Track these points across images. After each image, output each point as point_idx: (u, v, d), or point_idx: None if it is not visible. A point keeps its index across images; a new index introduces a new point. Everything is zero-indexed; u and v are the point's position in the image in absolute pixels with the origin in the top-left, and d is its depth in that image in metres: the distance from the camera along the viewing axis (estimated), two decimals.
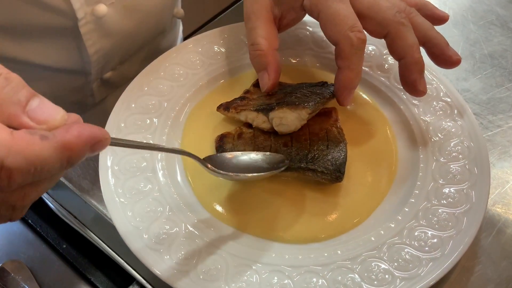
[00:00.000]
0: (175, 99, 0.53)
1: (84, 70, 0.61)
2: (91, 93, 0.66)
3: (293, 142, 0.47)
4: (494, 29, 0.65)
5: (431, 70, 0.54)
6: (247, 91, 0.54)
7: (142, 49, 0.67)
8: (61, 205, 0.52)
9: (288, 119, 0.45)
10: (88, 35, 0.55)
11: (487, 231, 0.46)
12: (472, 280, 0.42)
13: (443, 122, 0.50)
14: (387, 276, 0.40)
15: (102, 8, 0.54)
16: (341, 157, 0.45)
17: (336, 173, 0.44)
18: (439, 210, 0.44)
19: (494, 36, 0.64)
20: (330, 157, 0.45)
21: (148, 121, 0.51)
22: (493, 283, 0.42)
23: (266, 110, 0.46)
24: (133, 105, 0.51)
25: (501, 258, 0.44)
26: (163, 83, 0.54)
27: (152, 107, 0.52)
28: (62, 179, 0.49)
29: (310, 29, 0.59)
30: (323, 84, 0.51)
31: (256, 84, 0.54)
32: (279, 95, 0.49)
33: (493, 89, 0.58)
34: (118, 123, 0.49)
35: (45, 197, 0.52)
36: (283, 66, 0.56)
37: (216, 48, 0.58)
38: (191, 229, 0.43)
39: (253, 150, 0.47)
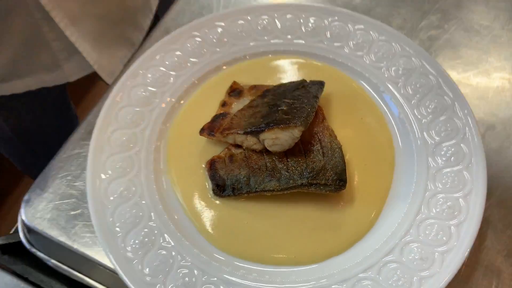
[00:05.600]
0: (149, 130, 0.49)
1: None
2: None
3: (288, 156, 0.45)
4: None
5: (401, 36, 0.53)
6: (224, 103, 0.51)
7: None
8: (59, 261, 0.49)
9: (281, 139, 0.43)
10: None
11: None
12: (482, 258, 0.44)
13: (429, 100, 0.50)
14: (407, 280, 0.41)
15: None
16: (340, 163, 0.44)
17: (339, 182, 0.43)
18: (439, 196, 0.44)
19: None
20: (329, 166, 0.44)
21: (130, 160, 0.47)
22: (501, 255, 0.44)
23: (255, 132, 0.44)
24: (107, 148, 0.47)
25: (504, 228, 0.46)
26: (129, 112, 0.50)
27: (128, 142, 0.48)
28: (60, 241, 0.47)
29: (276, 14, 0.56)
30: (303, 85, 0.48)
31: (231, 92, 0.51)
32: (263, 107, 0.47)
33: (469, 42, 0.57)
34: (99, 171, 0.46)
35: (41, 256, 0.50)
36: (253, 63, 0.54)
37: (177, 57, 0.53)
38: (207, 270, 0.42)
39: (248, 172, 0.45)
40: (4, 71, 0.67)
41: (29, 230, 0.49)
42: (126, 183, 0.46)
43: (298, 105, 0.45)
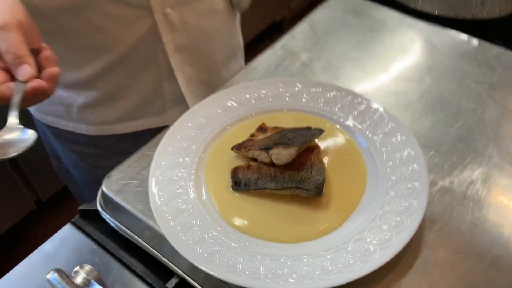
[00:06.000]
0: (199, 143, 0.72)
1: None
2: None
3: (287, 169, 0.66)
4: (444, 78, 0.84)
5: (388, 112, 0.73)
6: (252, 135, 0.73)
7: None
8: (120, 223, 0.70)
9: (282, 155, 0.64)
10: None
11: (428, 229, 0.63)
12: (416, 265, 0.59)
13: (398, 153, 0.69)
14: (351, 262, 0.57)
15: None
16: (321, 179, 0.63)
17: (317, 190, 0.62)
18: (391, 215, 0.61)
19: (443, 84, 0.83)
20: (313, 179, 0.63)
21: (181, 160, 0.70)
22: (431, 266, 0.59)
23: (266, 149, 0.65)
24: (170, 149, 0.70)
25: (438, 249, 0.61)
26: (190, 131, 0.73)
27: (184, 149, 0.71)
28: (124, 205, 0.68)
29: (299, 85, 0.79)
30: (308, 128, 0.70)
31: (259, 129, 0.73)
32: (276, 137, 0.68)
33: (440, 126, 0.76)
34: (160, 162, 0.68)
35: (108, 218, 0.71)
36: (280, 114, 0.76)
37: (229, 103, 0.78)
38: (216, 234, 0.61)
39: (258, 176, 0.66)
40: (124, 113, 0.85)
41: (104, 199, 0.71)
42: (175, 173, 0.68)
43: (299, 137, 0.66)
